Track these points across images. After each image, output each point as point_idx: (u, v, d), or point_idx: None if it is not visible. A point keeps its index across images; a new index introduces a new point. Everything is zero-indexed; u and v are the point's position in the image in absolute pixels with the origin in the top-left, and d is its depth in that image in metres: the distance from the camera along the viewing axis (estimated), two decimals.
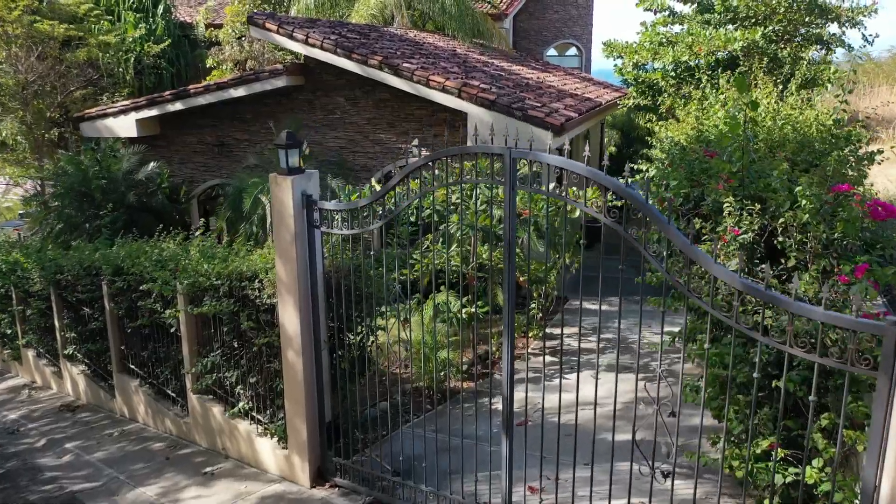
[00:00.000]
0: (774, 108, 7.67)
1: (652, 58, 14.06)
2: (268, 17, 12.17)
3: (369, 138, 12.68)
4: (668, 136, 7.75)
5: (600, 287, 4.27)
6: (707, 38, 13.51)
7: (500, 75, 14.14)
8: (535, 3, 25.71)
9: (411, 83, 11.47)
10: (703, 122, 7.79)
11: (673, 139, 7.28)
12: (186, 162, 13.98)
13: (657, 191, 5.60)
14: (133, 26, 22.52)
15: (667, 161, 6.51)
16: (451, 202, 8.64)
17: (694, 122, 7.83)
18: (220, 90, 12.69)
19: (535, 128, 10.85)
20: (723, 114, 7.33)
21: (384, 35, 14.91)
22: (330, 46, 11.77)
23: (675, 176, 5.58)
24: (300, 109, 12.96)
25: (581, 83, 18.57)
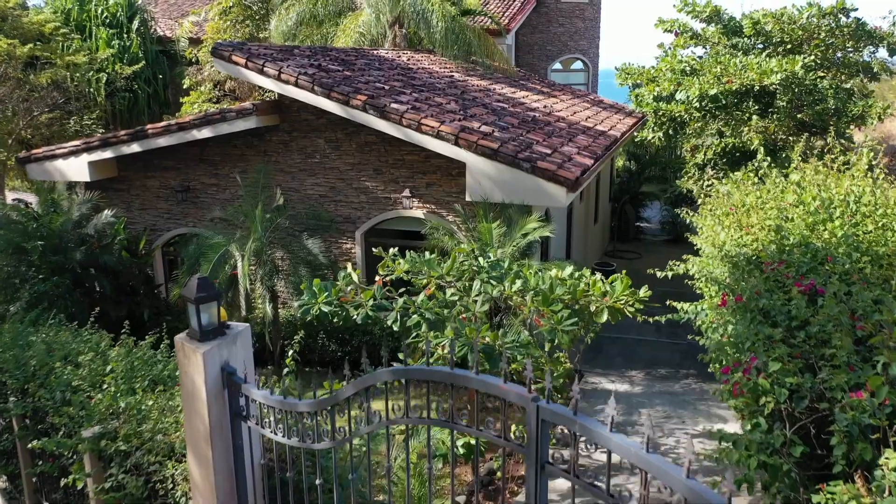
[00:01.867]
0: (853, 191, 6.01)
1: (675, 88, 12.41)
2: (235, 48, 10.51)
3: (353, 186, 11.03)
4: (722, 239, 5.96)
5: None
6: (738, 66, 11.86)
7: (502, 109, 12.49)
8: (538, 16, 24.07)
9: (400, 127, 9.83)
10: (763, 213, 6.08)
11: (741, 252, 5.47)
12: (148, 208, 12.33)
13: (750, 383, 3.74)
14: (105, 43, 20.89)
15: (737, 291, 4.82)
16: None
17: (762, 219, 6.02)
18: (181, 131, 11.04)
19: (545, 182, 9.21)
20: (802, 209, 5.62)
21: (372, 62, 13.26)
22: (306, 83, 10.12)
23: (773, 353, 3.77)
24: (274, 152, 11.31)
25: (591, 108, 16.93)
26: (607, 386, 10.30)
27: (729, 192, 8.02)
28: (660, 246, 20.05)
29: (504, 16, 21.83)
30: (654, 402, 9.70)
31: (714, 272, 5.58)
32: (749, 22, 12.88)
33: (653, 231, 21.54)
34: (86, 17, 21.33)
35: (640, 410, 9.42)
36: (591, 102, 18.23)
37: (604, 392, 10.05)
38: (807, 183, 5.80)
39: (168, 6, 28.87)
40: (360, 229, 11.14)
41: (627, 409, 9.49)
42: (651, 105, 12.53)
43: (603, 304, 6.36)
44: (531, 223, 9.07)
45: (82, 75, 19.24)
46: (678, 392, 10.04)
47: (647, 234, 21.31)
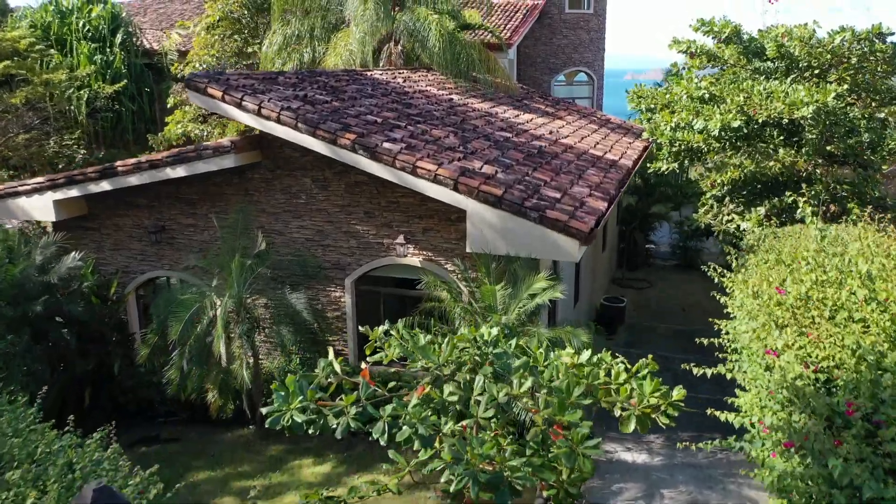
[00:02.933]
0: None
1: (693, 116, 11.39)
2: (211, 79, 9.51)
3: (342, 230, 10.03)
4: (779, 346, 4.85)
5: None
6: (762, 94, 10.86)
7: (505, 140, 11.49)
8: (541, 28, 23.09)
9: (393, 170, 8.83)
10: (824, 306, 5.01)
11: (807, 383, 4.34)
12: (121, 248, 11.33)
13: None
14: (87, 59, 19.89)
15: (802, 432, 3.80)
16: None
17: (830, 329, 4.83)
18: (153, 169, 10.04)
19: (555, 234, 8.21)
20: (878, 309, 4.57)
21: (364, 87, 12.26)
22: (289, 119, 9.13)
23: None
24: (256, 190, 10.31)
25: (598, 130, 15.94)
26: (623, 456, 9.30)
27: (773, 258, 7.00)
28: (671, 272, 19.06)
29: (506, 29, 20.84)
30: (677, 479, 8.70)
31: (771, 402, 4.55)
32: (773, 45, 11.87)
33: (662, 254, 20.55)
34: (66, 30, 20.33)
35: (661, 491, 8.41)
36: (598, 122, 17.23)
37: (620, 464, 9.06)
38: (876, 272, 4.78)
39: (157, 15, 27.93)
40: (350, 276, 10.14)
41: (647, 488, 8.48)
42: (667, 135, 11.52)
43: (631, 409, 5.35)
44: (539, 282, 8.08)
45: (61, 93, 18.23)
46: (703, 465, 9.03)
47: (656, 258, 20.31)
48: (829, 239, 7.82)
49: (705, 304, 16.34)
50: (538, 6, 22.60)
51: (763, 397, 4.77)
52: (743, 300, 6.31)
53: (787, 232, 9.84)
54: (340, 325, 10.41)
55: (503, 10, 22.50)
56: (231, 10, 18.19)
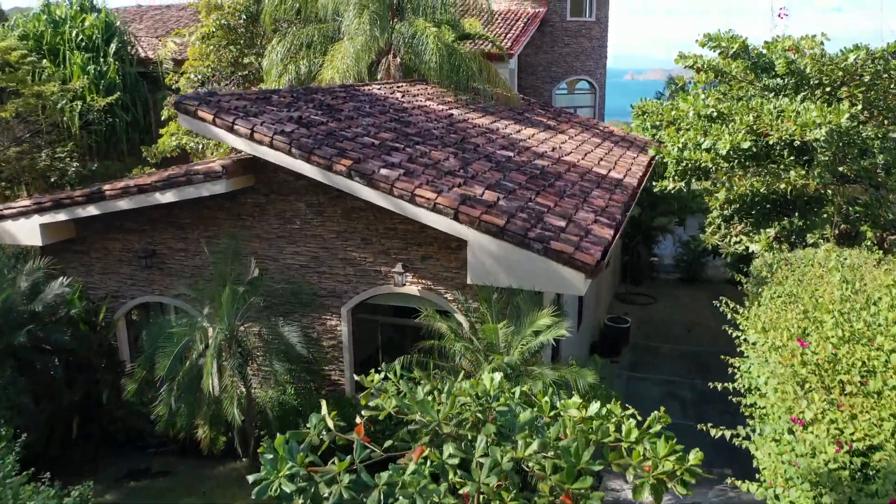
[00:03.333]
0: None
1: (702, 136, 11.03)
2: (202, 101, 9.14)
3: (338, 256, 9.68)
4: (807, 418, 4.39)
5: None
6: (773, 114, 10.51)
7: (507, 160, 11.14)
8: (542, 36, 22.74)
9: (390, 198, 8.48)
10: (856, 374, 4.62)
11: (841, 467, 3.87)
12: (110, 273, 10.98)
13: None
14: (80, 69, 19.51)
15: None
16: None
17: (875, 403, 4.28)
18: (142, 193, 9.68)
19: (560, 266, 7.86)
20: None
21: (362, 104, 11.90)
22: (282, 144, 8.77)
23: None
24: (249, 215, 9.96)
25: (603, 144, 15.58)
26: (630, 495, 8.94)
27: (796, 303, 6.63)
28: (674, 286, 18.71)
29: (507, 38, 20.49)
30: None
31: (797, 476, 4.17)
32: (783, 61, 11.52)
33: (666, 267, 20.19)
34: (59, 40, 19.96)
35: None
36: (601, 135, 16.87)
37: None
38: None
39: (153, 22, 27.61)
40: (346, 305, 9.79)
41: None
42: (674, 155, 11.16)
43: (645, 477, 4.99)
44: (543, 318, 7.72)
45: (53, 105, 17.88)
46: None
47: (660, 270, 19.96)
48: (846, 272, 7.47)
49: (711, 321, 16.03)
50: (539, 14, 22.26)
51: (788, 468, 4.41)
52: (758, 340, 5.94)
53: (801, 259, 9.49)
54: (337, 355, 10.06)
55: (504, 18, 22.16)
56: (226, 21, 17.84)
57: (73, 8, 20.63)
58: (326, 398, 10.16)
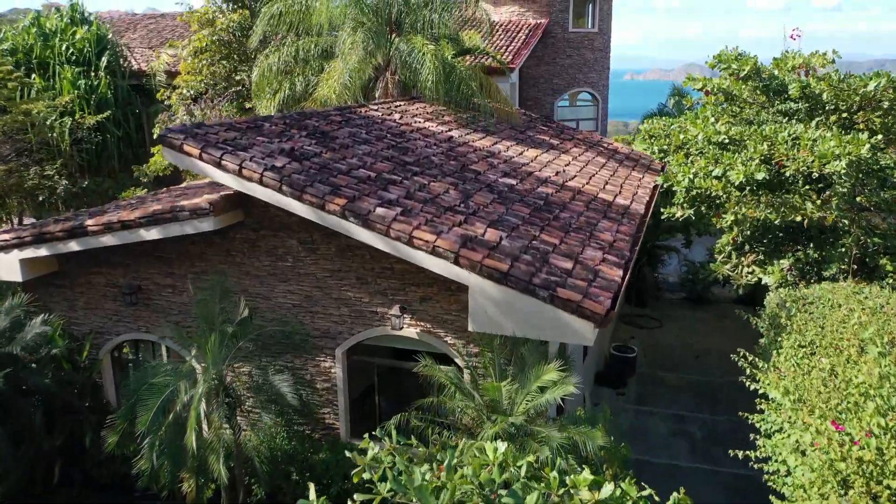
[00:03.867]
0: None
1: (713, 164, 10.55)
2: (188, 134, 8.65)
3: (333, 296, 9.19)
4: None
5: None
6: (787, 142, 10.04)
7: (509, 189, 10.66)
8: (544, 48, 22.27)
9: (387, 240, 7.99)
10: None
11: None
12: (94, 308, 10.49)
13: None
14: (71, 84, 19.02)
15: None
16: None
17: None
18: (126, 230, 9.20)
19: (567, 315, 7.38)
20: None
21: (359, 130, 11.42)
22: (273, 181, 8.29)
23: None
24: (238, 252, 9.47)
25: (607, 164, 15.10)
26: None
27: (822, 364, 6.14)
28: (680, 307, 18.21)
29: (507, 51, 20.01)
30: None
31: None
32: (797, 85, 11.05)
33: (671, 285, 19.70)
34: (49, 54, 19.47)
35: None
36: (605, 154, 16.39)
37: None
38: None
39: (147, 31, 27.12)
40: (341, 346, 9.30)
41: None
42: (684, 185, 10.67)
43: None
44: (549, 373, 7.23)
45: (42, 122, 17.40)
46: None
47: (665, 289, 19.46)
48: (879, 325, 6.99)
49: (719, 347, 15.55)
50: (541, 25, 21.78)
51: None
52: (782, 403, 5.45)
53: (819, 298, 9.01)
54: (331, 398, 9.57)
55: (505, 29, 21.68)
56: (219, 36, 17.35)
57: (64, 20, 20.15)
58: (320, 442, 9.69)
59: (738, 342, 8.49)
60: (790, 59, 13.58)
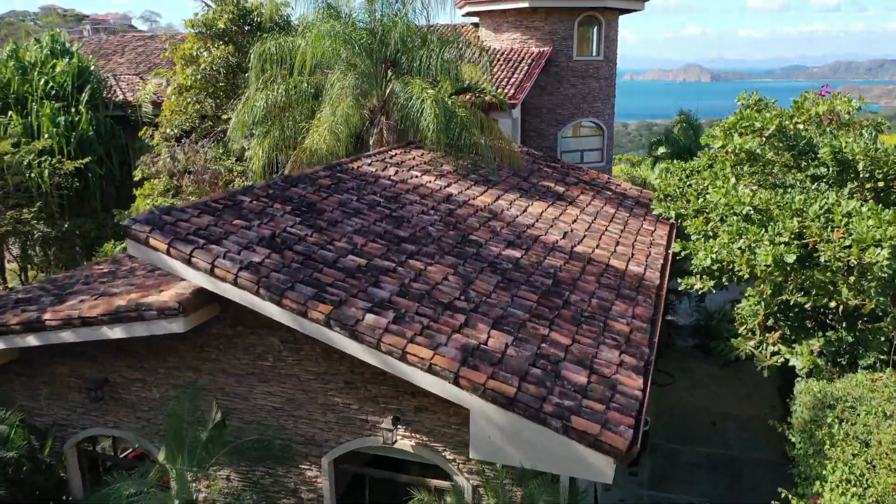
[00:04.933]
0: None
1: (735, 238, 9.61)
2: (154, 226, 7.71)
3: (318, 401, 8.25)
4: None
5: None
6: (819, 217, 9.11)
7: (514, 267, 9.72)
8: (547, 77, 21.36)
9: (377, 353, 7.05)
10: None
11: None
12: (58, 398, 9.55)
13: None
14: (50, 120, 18.07)
15: None
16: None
17: None
18: (86, 326, 8.27)
19: (583, 448, 6.44)
20: None
21: (349, 195, 10.48)
22: (249, 283, 7.34)
23: None
24: (214, 347, 8.53)
25: (617, 215, 14.16)
26: None
27: None
28: (692, 357, 17.24)
29: (509, 84, 19.07)
30: None
31: None
32: (828, 150, 10.12)
33: (682, 329, 18.74)
34: (28, 88, 18.51)
35: None
36: (614, 200, 15.44)
37: None
38: None
39: (135, 55, 26.23)
40: (327, 455, 8.36)
41: None
42: (705, 262, 9.73)
43: None
44: None
45: (18, 165, 16.46)
46: None
47: (677, 333, 18.50)
48: None
49: (736, 410, 14.63)
50: (544, 54, 20.84)
51: None
52: None
53: (861, 401, 8.09)
54: None
55: (506, 58, 20.74)
56: (203, 74, 16.41)
57: (44, 52, 19.19)
58: None
59: (754, 403, 7.61)
60: (812, 105, 12.68)
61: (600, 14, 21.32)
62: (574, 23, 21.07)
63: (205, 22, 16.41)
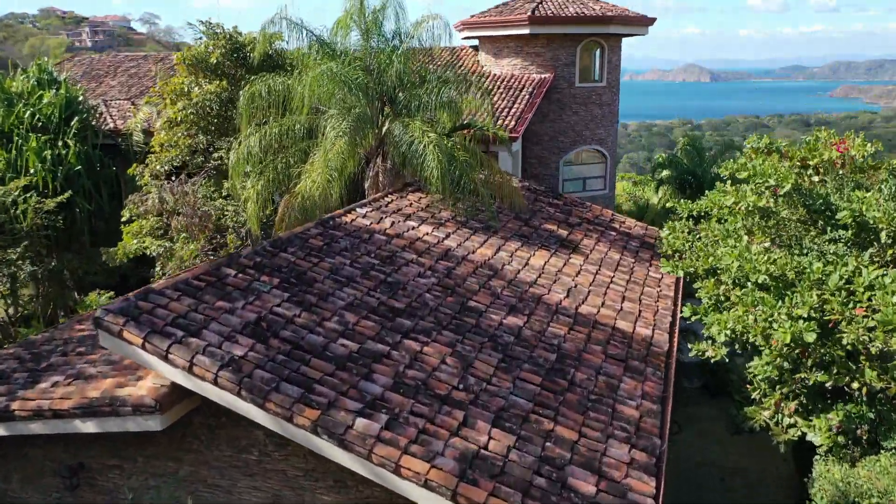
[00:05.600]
0: None
1: (750, 309, 9.06)
2: (129, 317, 7.16)
3: (305, 499, 7.69)
4: None
5: None
6: (840, 291, 8.58)
7: (516, 340, 9.18)
8: (549, 104, 20.82)
9: (368, 464, 6.51)
10: None
11: None
12: (31, 482, 9.00)
13: None
14: (36, 155, 17.52)
15: None
16: None
17: None
18: (58, 419, 7.73)
19: None
20: None
21: (342, 262, 9.94)
22: (230, 384, 6.80)
23: None
24: (195, 437, 7.97)
25: (622, 262, 13.63)
26: None
27: None
28: (699, 404, 16.68)
29: (510, 115, 18.54)
30: None
31: None
32: (848, 213, 9.57)
33: (685, 365, 18.18)
34: (14, 121, 17.95)
35: None
36: (619, 243, 14.91)
37: None
38: None
39: (127, 77, 25.74)
40: None
41: None
42: (720, 338, 9.18)
43: None
44: None
45: (2, 203, 15.92)
46: None
47: (680, 374, 17.95)
48: None
49: (746, 462, 14.09)
50: (546, 81, 20.29)
51: None
52: None
53: (888, 495, 7.55)
54: None
55: (507, 86, 20.20)
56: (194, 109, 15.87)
57: (31, 82, 18.64)
58: None
59: (764, 455, 7.05)
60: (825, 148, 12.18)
61: (603, 39, 20.77)
62: (576, 49, 20.53)
63: (196, 57, 15.86)
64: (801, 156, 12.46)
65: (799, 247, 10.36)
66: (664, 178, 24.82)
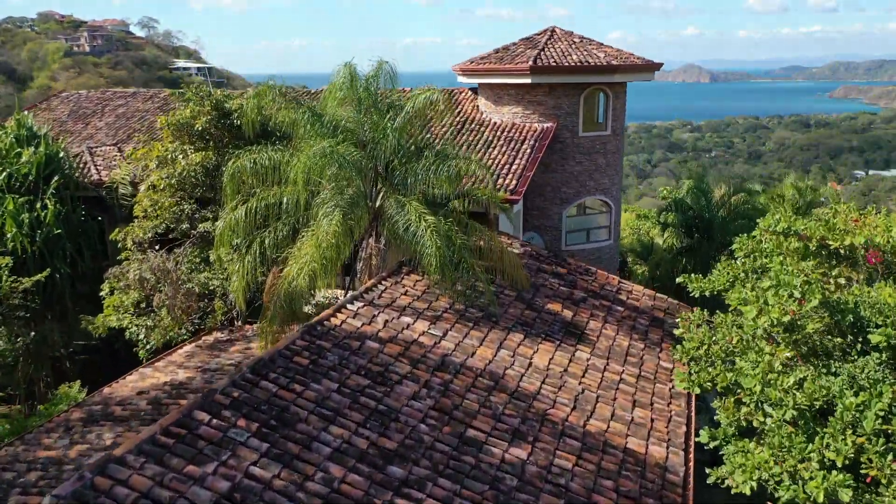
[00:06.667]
0: None
1: (778, 455, 8.25)
2: (84, 502, 6.34)
3: None
4: None
5: None
6: (876, 441, 7.78)
7: (519, 481, 8.36)
8: (552, 154, 20.03)
9: None
10: None
11: None
12: None
13: None
14: (13, 219, 16.70)
15: None
16: None
17: None
18: None
19: None
20: None
21: (328, 388, 9.13)
22: None
23: None
24: None
25: (633, 349, 12.82)
26: None
27: None
28: None
29: (510, 172, 17.71)
30: None
31: None
32: (882, 337, 8.75)
33: None
34: None
35: None
36: (627, 323, 14.10)
37: None
38: None
39: (115, 118, 24.95)
40: None
41: None
42: (743, 487, 8.36)
43: None
44: None
45: None
46: None
47: None
48: None
49: None
50: (548, 131, 19.47)
51: None
52: None
53: None
54: None
55: (507, 137, 19.38)
56: (178, 178, 15.06)
57: (9, 138, 17.82)
58: None
59: None
60: (851, 235, 11.41)
61: (607, 87, 19.95)
62: (580, 97, 19.71)
63: (181, 122, 15.03)
64: (820, 235, 11.66)
65: (827, 363, 9.54)
66: (670, 223, 24.03)
